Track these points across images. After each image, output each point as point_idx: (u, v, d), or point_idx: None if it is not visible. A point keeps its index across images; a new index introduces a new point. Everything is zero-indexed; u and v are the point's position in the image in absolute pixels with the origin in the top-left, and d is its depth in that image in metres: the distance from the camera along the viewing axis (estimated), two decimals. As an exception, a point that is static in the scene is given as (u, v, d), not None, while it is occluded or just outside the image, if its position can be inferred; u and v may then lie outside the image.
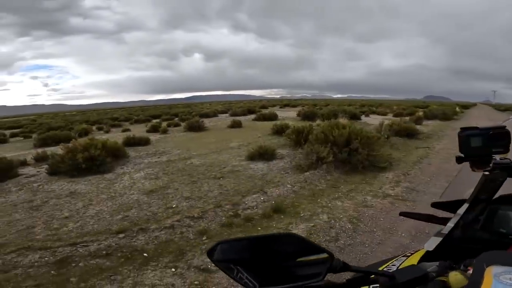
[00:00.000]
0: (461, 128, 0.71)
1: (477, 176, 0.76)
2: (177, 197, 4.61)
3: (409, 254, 0.86)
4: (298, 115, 17.83)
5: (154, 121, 20.85)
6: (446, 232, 0.78)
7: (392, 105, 36.96)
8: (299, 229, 3.36)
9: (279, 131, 9.95)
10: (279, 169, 5.67)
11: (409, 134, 9.52)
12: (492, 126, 0.70)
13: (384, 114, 22.89)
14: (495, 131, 0.68)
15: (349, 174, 5.26)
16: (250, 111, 23.51)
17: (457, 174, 5.13)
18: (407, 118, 14.56)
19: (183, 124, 14.43)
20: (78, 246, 3.09)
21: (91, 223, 3.83)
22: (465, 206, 0.80)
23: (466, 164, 0.74)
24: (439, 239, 0.77)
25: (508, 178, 0.76)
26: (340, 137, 5.51)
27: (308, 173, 5.14)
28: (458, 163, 0.73)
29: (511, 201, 0.83)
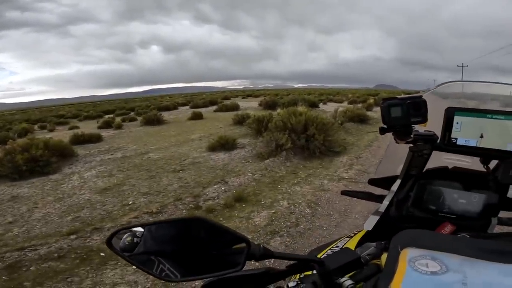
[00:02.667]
0: (382, 99, 0.71)
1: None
2: (134, 194, 4.39)
3: (353, 235, 0.83)
4: (260, 104, 17.94)
5: (107, 116, 19.43)
6: (383, 211, 0.77)
7: (347, 94, 39.06)
8: (261, 216, 3.42)
9: (240, 121, 9.93)
10: (240, 158, 5.69)
11: (361, 119, 10.19)
12: (410, 96, 0.71)
13: (340, 101, 24.12)
14: (412, 100, 0.69)
15: (307, 160, 5.47)
16: (212, 103, 23.06)
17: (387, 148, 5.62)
18: (360, 105, 15.54)
19: (139, 118, 13.65)
20: (26, 250, 2.90)
21: (38, 226, 3.58)
22: (398, 182, 0.80)
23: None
24: (377, 217, 0.76)
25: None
26: (297, 124, 5.68)
27: (268, 160, 5.24)
28: (381, 134, 0.73)
29: (437, 176, 0.80)
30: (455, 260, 0.38)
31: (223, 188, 4.25)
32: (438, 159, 0.83)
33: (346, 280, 0.49)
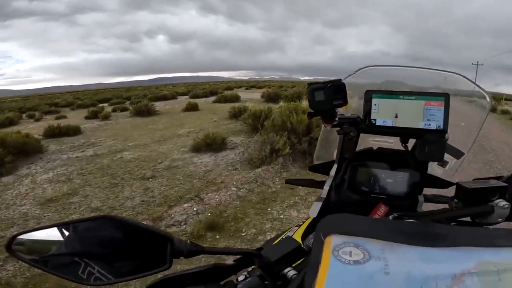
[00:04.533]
0: (308, 84, 0.69)
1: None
2: (82, 209, 3.40)
3: (301, 223, 0.80)
4: (262, 97, 16.78)
5: (101, 105, 18.55)
6: (324, 196, 0.76)
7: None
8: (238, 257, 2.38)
9: (236, 114, 8.84)
10: (228, 163, 4.63)
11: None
12: (330, 80, 0.69)
13: (349, 96, 22.71)
14: (333, 84, 0.69)
15: (309, 168, 4.39)
16: (213, 93, 21.96)
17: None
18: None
19: (131, 108, 12.62)
20: None
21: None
22: (335, 167, 0.81)
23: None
24: (320, 203, 0.74)
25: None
26: (299, 123, 4.57)
27: (260, 169, 4.16)
28: (309, 119, 0.76)
29: (366, 157, 0.79)
30: (378, 245, 0.36)
31: (195, 209, 3.21)
32: (364, 141, 0.84)
33: (290, 271, 0.47)
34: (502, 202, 0.60)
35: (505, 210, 0.60)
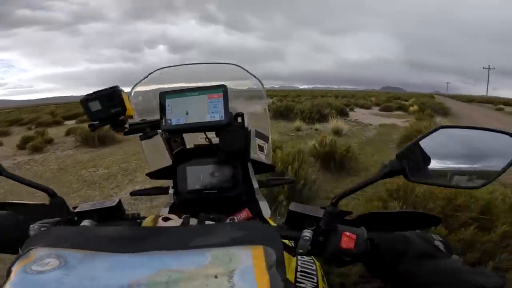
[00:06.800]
0: (81, 100, 0.66)
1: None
2: None
3: None
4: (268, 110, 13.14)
5: (68, 122, 15.01)
6: (172, 201, 0.77)
7: (367, 96, 33.84)
8: None
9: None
10: None
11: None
12: (104, 88, 0.67)
13: (368, 107, 19.07)
14: (105, 92, 0.66)
15: None
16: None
17: None
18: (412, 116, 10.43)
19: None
20: None
21: None
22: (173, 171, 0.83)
23: None
24: (167, 209, 0.75)
25: None
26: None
27: None
28: (92, 131, 0.70)
29: (188, 156, 0.79)
30: (76, 256, 0.35)
31: None
32: (195, 140, 0.84)
33: None
34: (307, 233, 0.54)
35: (305, 241, 0.54)
